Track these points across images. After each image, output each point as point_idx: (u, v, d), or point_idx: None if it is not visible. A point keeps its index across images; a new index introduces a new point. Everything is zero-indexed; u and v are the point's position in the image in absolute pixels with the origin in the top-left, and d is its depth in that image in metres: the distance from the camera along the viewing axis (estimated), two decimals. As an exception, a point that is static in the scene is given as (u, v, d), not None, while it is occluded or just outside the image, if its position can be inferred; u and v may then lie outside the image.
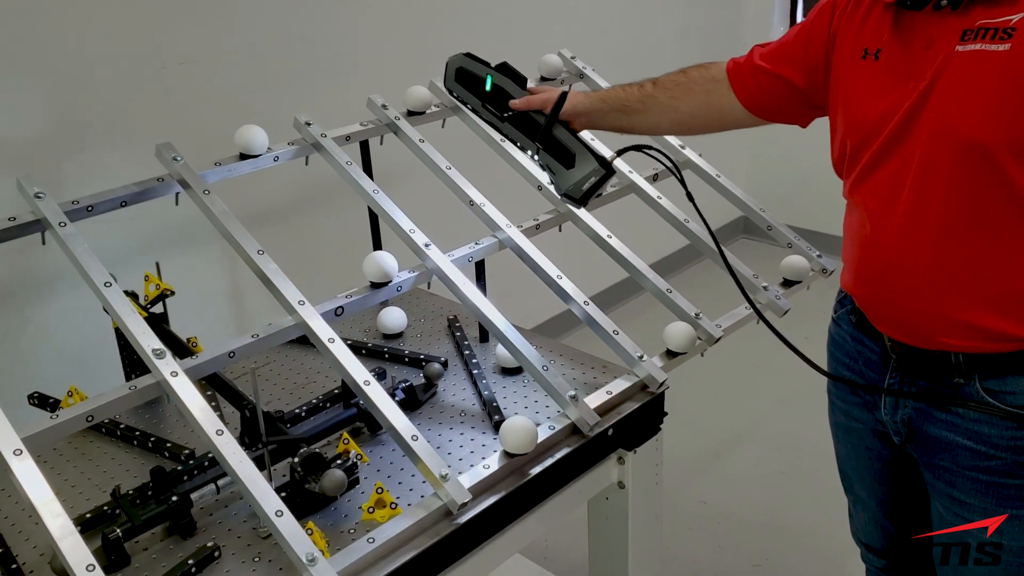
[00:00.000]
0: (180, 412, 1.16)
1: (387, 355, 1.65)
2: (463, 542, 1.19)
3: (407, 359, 1.63)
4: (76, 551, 0.97)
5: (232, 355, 1.23)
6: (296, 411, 1.45)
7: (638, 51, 3.37)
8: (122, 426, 1.45)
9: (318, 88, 2.41)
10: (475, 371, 1.56)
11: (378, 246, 1.82)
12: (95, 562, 0.96)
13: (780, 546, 2.34)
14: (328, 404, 1.48)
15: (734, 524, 2.43)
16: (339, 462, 1.24)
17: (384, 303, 1.77)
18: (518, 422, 1.24)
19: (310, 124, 1.59)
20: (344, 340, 1.27)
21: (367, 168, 1.73)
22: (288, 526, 1.05)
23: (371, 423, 1.42)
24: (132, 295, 1.45)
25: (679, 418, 1.66)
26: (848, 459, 1.46)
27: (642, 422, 1.41)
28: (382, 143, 1.71)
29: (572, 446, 1.31)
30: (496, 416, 1.42)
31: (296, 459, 1.21)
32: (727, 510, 2.49)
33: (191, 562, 1.13)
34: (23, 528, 1.25)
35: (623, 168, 1.75)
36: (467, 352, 1.63)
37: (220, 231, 1.37)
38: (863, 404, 1.35)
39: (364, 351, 1.66)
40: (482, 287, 1.62)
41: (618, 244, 1.57)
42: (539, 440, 1.26)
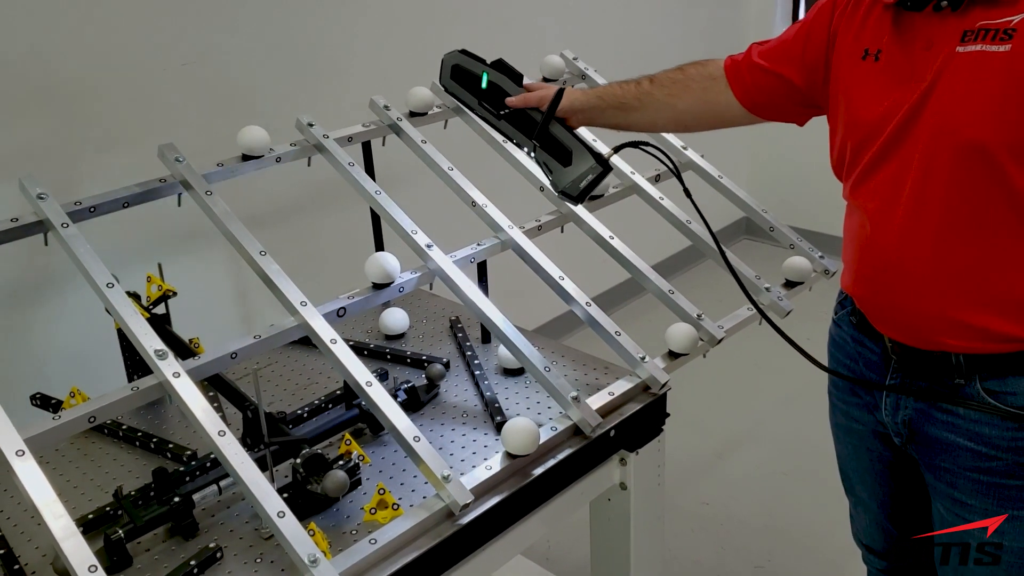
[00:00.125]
0: (182, 413, 1.16)
1: (389, 356, 1.65)
2: (465, 543, 1.19)
3: (409, 360, 1.63)
4: (78, 552, 0.97)
5: (234, 356, 1.23)
6: (298, 412, 1.45)
7: (640, 51, 3.37)
8: (124, 427, 1.45)
9: (320, 89, 2.41)
10: (477, 372, 1.56)
11: (380, 247, 1.82)
12: (97, 563, 0.96)
13: (782, 547, 2.34)
14: (330, 405, 1.48)
15: (736, 525, 2.43)
16: (341, 463, 1.24)
17: (386, 304, 1.77)
18: (520, 423, 1.24)
19: (312, 125, 1.59)
20: (346, 341, 1.27)
21: (369, 169, 1.73)
22: (290, 527, 1.05)
23: (373, 424, 1.42)
24: (134, 296, 1.45)
25: (681, 419, 1.66)
26: (849, 460, 1.46)
27: (644, 423, 1.41)
28: (384, 144, 1.71)
29: (574, 447, 1.31)
30: (498, 417, 1.42)
31: (298, 460, 1.21)
32: (729, 511, 2.49)
33: (193, 563, 1.13)
34: (25, 529, 1.25)
35: (625, 169, 1.75)
36: (469, 353, 1.63)
37: (222, 232, 1.37)
38: (864, 405, 1.35)
39: (366, 352, 1.66)
40: (484, 288, 1.62)
41: (620, 245, 1.57)
42: (541, 441, 1.26)
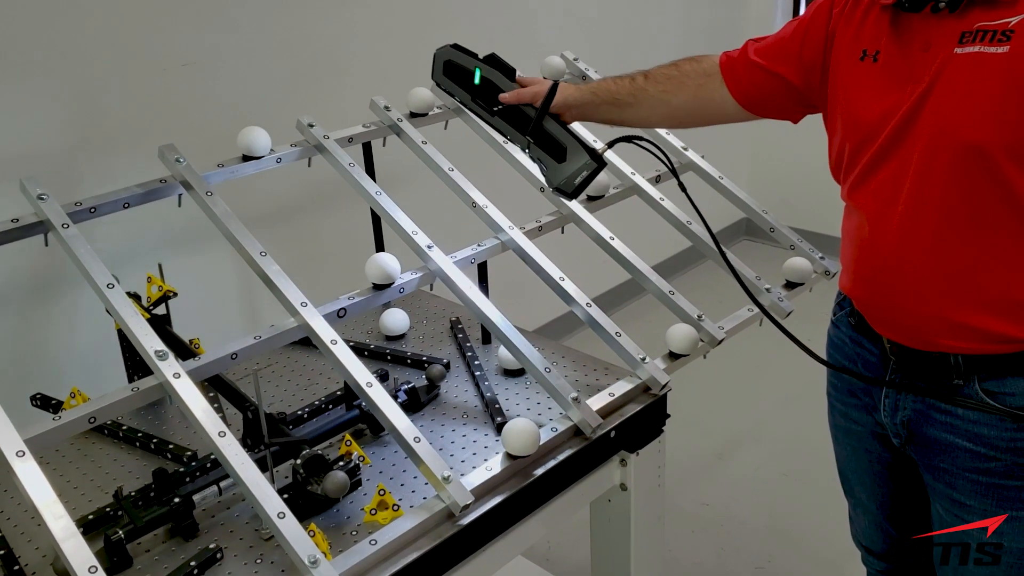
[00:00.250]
0: (182, 413, 1.16)
1: (389, 357, 1.65)
2: (465, 544, 1.19)
3: (409, 361, 1.63)
4: (78, 552, 0.97)
5: (234, 356, 1.23)
6: (298, 413, 1.45)
7: (641, 52, 3.36)
8: (124, 427, 1.45)
9: (321, 90, 2.41)
10: (477, 373, 1.56)
11: (380, 248, 1.82)
12: (97, 564, 0.96)
13: (782, 549, 2.33)
14: (330, 406, 1.48)
15: (736, 527, 2.43)
16: (341, 464, 1.24)
17: (386, 305, 1.77)
18: (520, 424, 1.24)
19: (313, 126, 1.59)
20: (346, 342, 1.27)
21: (369, 170, 1.73)
22: (290, 528, 1.05)
23: (373, 425, 1.42)
24: (135, 296, 1.45)
25: (681, 420, 1.66)
26: (848, 462, 1.46)
27: (644, 424, 1.41)
28: (384, 145, 1.71)
29: (574, 448, 1.31)
30: (498, 418, 1.42)
31: (298, 461, 1.21)
32: (729, 512, 2.48)
33: (193, 564, 1.13)
34: (25, 529, 1.25)
35: (625, 170, 1.75)
36: (469, 354, 1.63)
37: (223, 232, 1.37)
38: (862, 406, 1.35)
39: (366, 352, 1.66)
40: (484, 289, 1.61)
41: (620, 246, 1.57)
42: (541, 442, 1.26)
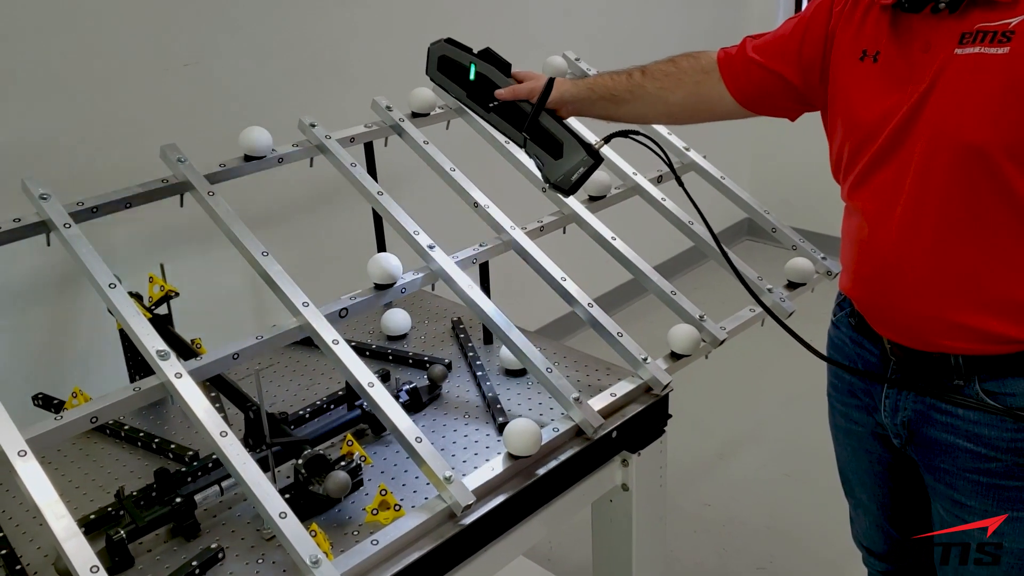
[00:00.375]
0: (184, 413, 1.16)
1: (391, 357, 1.65)
2: (467, 544, 1.18)
3: (411, 361, 1.63)
4: (80, 552, 0.97)
5: (236, 356, 1.23)
6: (300, 413, 1.45)
7: (642, 52, 3.34)
8: (126, 427, 1.45)
9: (322, 90, 2.41)
10: (479, 373, 1.56)
11: (382, 248, 1.83)
12: (99, 563, 0.96)
13: (784, 549, 2.33)
14: (332, 406, 1.48)
15: (738, 527, 2.43)
16: (343, 464, 1.24)
17: (388, 305, 1.77)
18: (522, 424, 1.24)
19: (314, 126, 1.59)
20: (348, 342, 1.27)
21: (371, 170, 1.73)
22: (292, 528, 1.05)
23: (375, 425, 1.41)
24: (136, 296, 1.45)
25: (683, 420, 1.66)
26: (849, 462, 1.46)
27: (646, 424, 1.41)
28: (386, 145, 1.71)
29: (576, 448, 1.31)
30: (500, 418, 1.42)
31: (300, 461, 1.21)
32: (731, 513, 2.48)
33: (195, 564, 1.13)
34: (27, 529, 1.25)
35: (627, 170, 1.75)
36: (471, 354, 1.63)
37: (224, 232, 1.37)
38: (863, 407, 1.35)
39: (368, 353, 1.66)
40: (486, 289, 1.62)
41: (622, 246, 1.57)
42: (543, 442, 1.26)
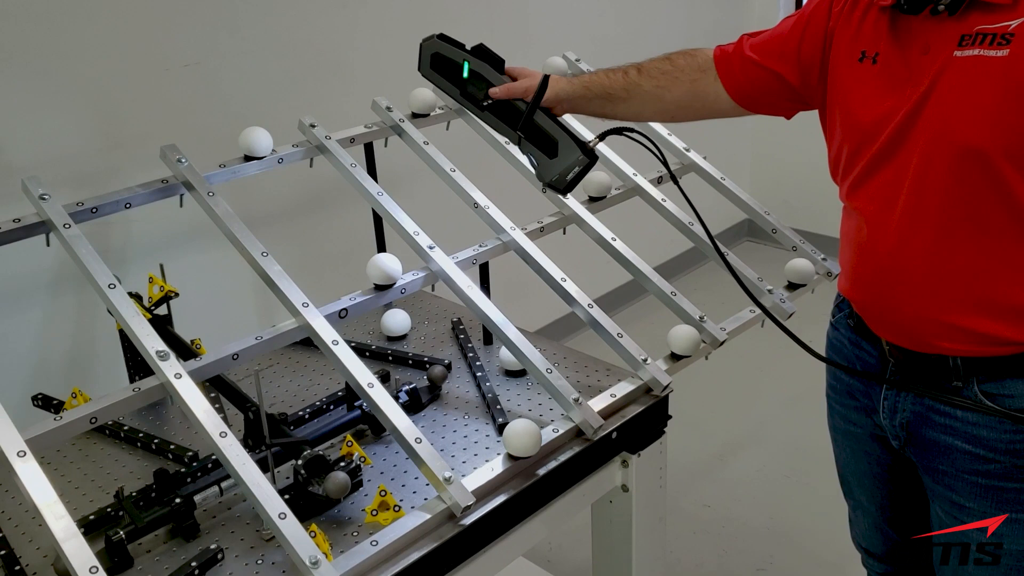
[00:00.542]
0: (184, 414, 1.16)
1: (391, 357, 1.65)
2: (467, 545, 1.18)
3: (411, 361, 1.63)
4: (79, 553, 0.97)
5: (236, 357, 1.23)
6: (300, 413, 1.45)
7: (642, 53, 3.35)
8: (126, 428, 1.45)
9: (322, 90, 2.42)
10: (479, 373, 1.56)
11: (382, 248, 1.82)
12: (98, 564, 0.96)
13: (783, 550, 2.33)
14: (332, 406, 1.48)
15: (738, 528, 2.43)
16: (343, 464, 1.24)
17: (388, 305, 1.77)
18: (522, 425, 1.24)
19: (314, 126, 1.59)
20: (348, 342, 1.27)
21: (371, 170, 1.73)
22: (291, 528, 1.05)
23: (375, 425, 1.41)
24: (136, 297, 1.45)
25: (683, 421, 1.66)
26: (848, 464, 1.46)
27: (646, 425, 1.41)
28: (386, 145, 1.71)
29: (576, 449, 1.31)
30: (500, 419, 1.42)
31: (300, 461, 1.21)
32: (731, 514, 2.48)
33: (194, 564, 1.12)
34: (26, 530, 1.25)
35: (627, 171, 1.74)
36: (471, 354, 1.63)
37: (224, 233, 1.37)
38: (861, 408, 1.35)
39: (368, 353, 1.66)
40: (486, 289, 1.61)
41: (622, 247, 1.57)
42: (543, 443, 1.25)
